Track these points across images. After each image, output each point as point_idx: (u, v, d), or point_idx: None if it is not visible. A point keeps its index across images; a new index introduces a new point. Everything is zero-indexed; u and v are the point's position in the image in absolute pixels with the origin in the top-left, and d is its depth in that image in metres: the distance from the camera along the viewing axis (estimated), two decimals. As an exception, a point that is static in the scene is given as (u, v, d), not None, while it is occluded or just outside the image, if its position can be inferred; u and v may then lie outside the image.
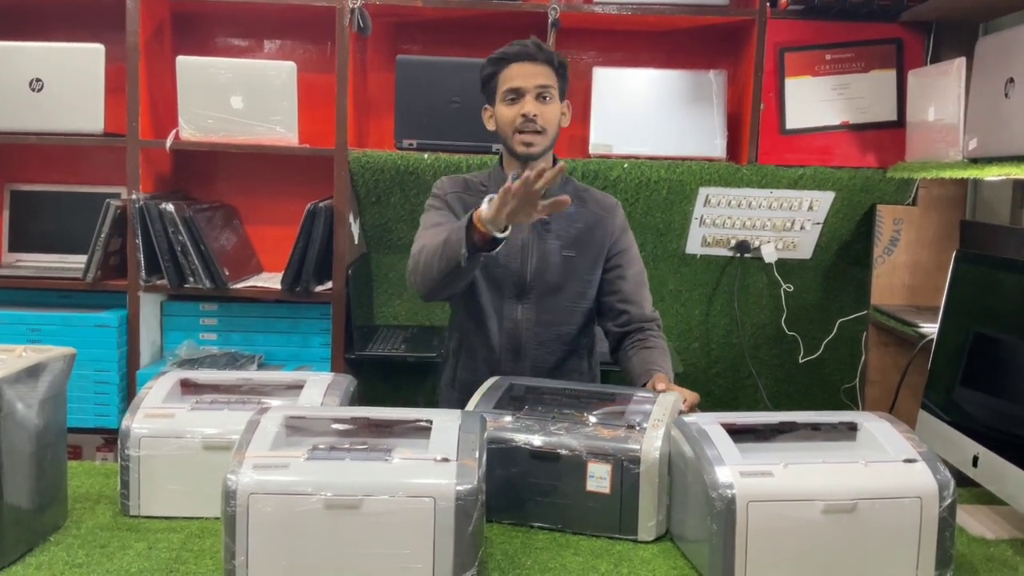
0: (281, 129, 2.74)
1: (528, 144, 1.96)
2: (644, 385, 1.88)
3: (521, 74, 1.96)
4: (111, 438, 2.90)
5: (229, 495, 1.30)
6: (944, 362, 1.87)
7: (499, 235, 1.74)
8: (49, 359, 1.50)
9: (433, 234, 1.95)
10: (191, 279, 2.76)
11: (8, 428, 1.38)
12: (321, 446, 1.40)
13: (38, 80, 2.75)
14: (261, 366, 2.84)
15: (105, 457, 2.97)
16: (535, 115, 1.94)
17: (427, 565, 1.31)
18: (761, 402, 2.96)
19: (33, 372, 1.45)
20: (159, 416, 1.60)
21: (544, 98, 1.97)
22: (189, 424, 1.58)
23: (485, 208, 1.75)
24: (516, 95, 1.96)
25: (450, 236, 1.83)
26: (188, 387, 1.73)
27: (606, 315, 2.08)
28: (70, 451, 2.91)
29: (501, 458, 1.52)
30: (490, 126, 2.06)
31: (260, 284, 2.86)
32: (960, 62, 2.36)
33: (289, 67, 2.72)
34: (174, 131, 2.75)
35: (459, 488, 1.31)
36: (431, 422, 1.46)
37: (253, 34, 3.08)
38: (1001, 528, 1.61)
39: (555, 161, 2.06)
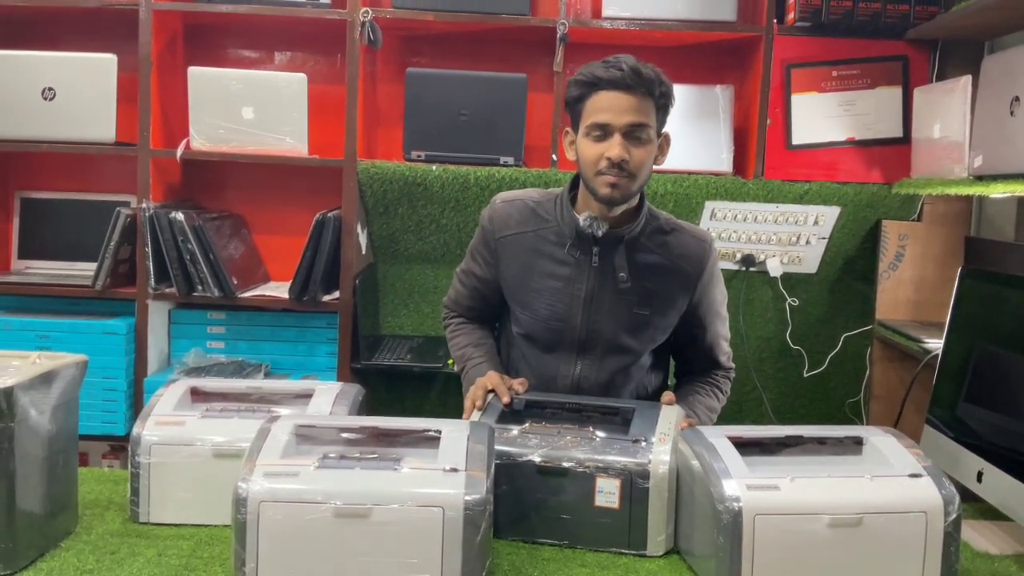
0: (291, 140, 2.76)
1: (613, 186, 1.67)
2: None
3: (612, 107, 1.65)
4: (117, 445, 2.91)
5: (240, 503, 1.32)
6: (949, 378, 1.88)
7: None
8: (62, 366, 1.52)
9: (462, 295, 1.95)
10: (200, 287, 2.77)
11: (21, 434, 1.39)
12: (331, 455, 1.41)
13: (50, 89, 2.77)
14: (268, 375, 2.86)
15: (111, 464, 2.98)
16: (623, 160, 1.65)
17: (435, 574, 1.32)
18: (766, 416, 2.96)
19: (46, 379, 1.47)
20: (170, 424, 1.61)
21: (637, 138, 1.67)
22: (199, 432, 1.59)
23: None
24: (603, 132, 1.66)
25: (464, 376, 1.88)
26: (198, 395, 1.74)
27: (677, 354, 1.94)
28: (77, 458, 2.94)
29: (507, 473, 1.53)
30: (570, 155, 1.75)
31: (268, 293, 2.88)
32: (966, 80, 2.38)
33: (300, 79, 2.74)
34: (185, 141, 2.77)
35: (467, 498, 1.32)
36: (440, 432, 1.47)
37: (264, 46, 3.11)
38: (1006, 544, 1.61)
39: (642, 200, 1.78)
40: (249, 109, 2.75)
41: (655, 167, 1.78)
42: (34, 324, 2.80)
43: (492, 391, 1.73)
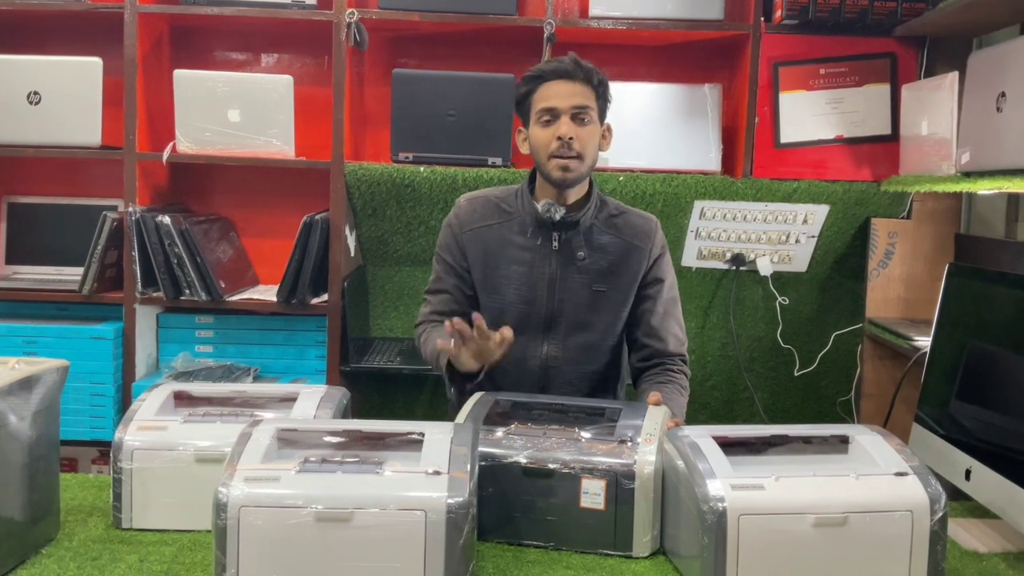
0: (278, 142, 2.75)
1: (565, 169, 1.85)
2: None
3: (557, 93, 1.85)
4: (107, 450, 2.89)
5: (220, 508, 1.30)
6: (937, 375, 1.87)
7: (474, 371, 1.76)
8: (42, 371, 1.50)
9: (437, 308, 1.98)
10: (187, 291, 2.76)
11: (1, 440, 1.38)
12: (312, 459, 1.40)
13: (36, 93, 2.76)
14: (257, 378, 2.85)
15: (101, 469, 2.97)
16: (571, 137, 1.83)
17: (418, 578, 1.31)
18: (757, 415, 2.96)
19: (26, 384, 1.45)
20: (152, 428, 1.59)
21: (581, 120, 1.86)
22: (182, 437, 1.57)
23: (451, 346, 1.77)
24: (551, 116, 1.86)
25: (438, 361, 1.88)
26: (181, 399, 1.73)
27: (630, 347, 2.02)
28: (65, 464, 2.93)
29: (492, 475, 1.52)
30: (523, 149, 1.95)
31: (256, 296, 2.87)
32: (953, 76, 2.38)
33: (286, 81, 2.73)
34: (171, 144, 2.76)
35: (450, 501, 1.31)
36: (423, 435, 1.46)
37: (250, 48, 3.10)
38: (994, 542, 1.61)
39: (591, 186, 1.95)
40: (235, 112, 2.74)
41: (603, 151, 1.97)
42: (21, 329, 2.79)
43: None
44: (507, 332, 1.77)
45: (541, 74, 1.88)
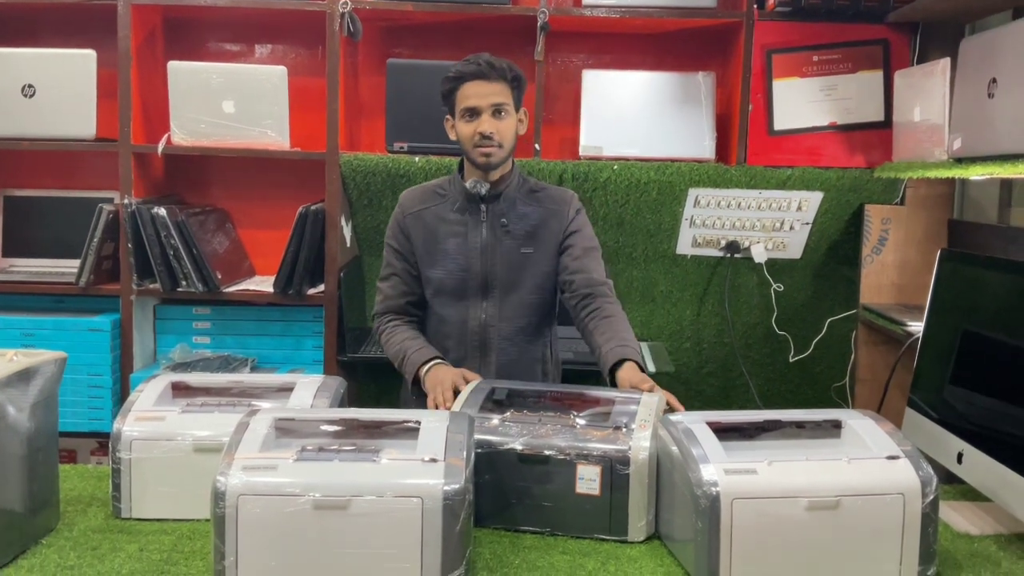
0: (272, 133, 2.75)
1: (487, 155, 2.06)
2: (613, 366, 1.91)
3: (476, 93, 2.05)
4: (105, 442, 2.91)
5: (218, 496, 1.32)
6: (930, 360, 1.89)
7: None
8: (40, 363, 1.51)
9: (389, 294, 2.17)
10: (184, 283, 2.77)
11: (0, 432, 1.39)
12: (310, 447, 1.41)
13: (30, 86, 2.76)
14: (254, 369, 2.86)
15: (100, 460, 2.98)
16: (491, 132, 2.04)
17: (415, 565, 1.32)
18: (752, 401, 2.97)
19: (24, 376, 1.46)
20: (150, 419, 1.61)
21: (500, 113, 2.06)
22: (180, 427, 1.59)
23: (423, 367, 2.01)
24: (472, 114, 2.06)
25: (404, 365, 2.08)
26: (179, 390, 1.74)
27: (562, 289, 2.15)
28: (64, 455, 2.94)
29: (488, 462, 1.53)
30: (452, 136, 2.14)
31: (253, 287, 2.87)
32: (945, 63, 2.38)
33: (280, 71, 2.73)
34: (166, 136, 2.76)
35: (446, 488, 1.32)
36: (419, 423, 1.47)
37: (244, 39, 3.10)
38: (985, 524, 1.62)
39: (513, 166, 2.16)
40: (230, 103, 2.74)
41: (521, 135, 2.15)
42: (19, 322, 2.79)
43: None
44: (472, 377, 1.94)
45: (460, 75, 2.06)
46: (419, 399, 2.03)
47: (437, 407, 1.88)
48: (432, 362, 2.04)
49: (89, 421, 2.80)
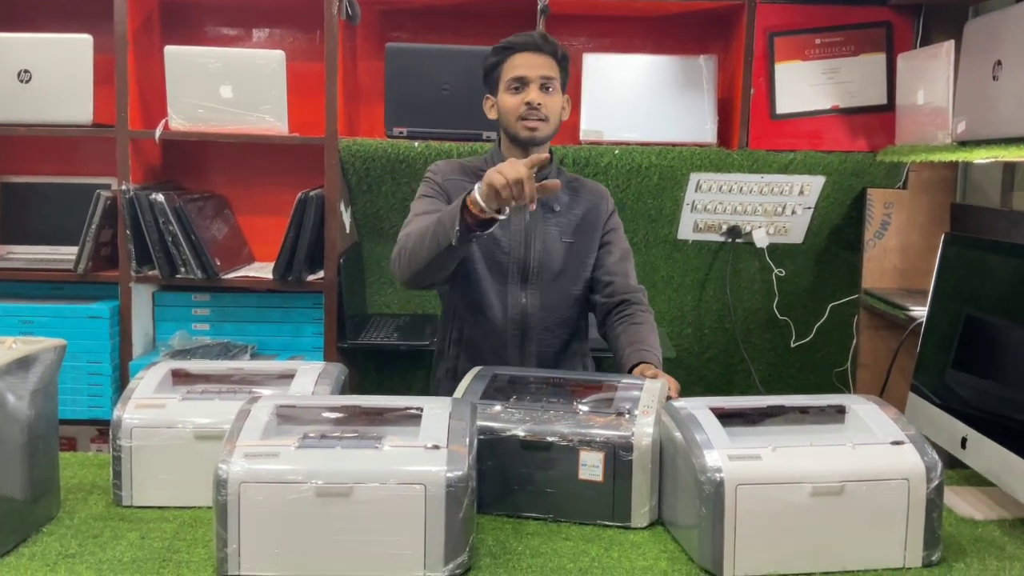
0: (271, 118, 2.73)
1: (532, 128, 1.98)
2: (631, 367, 1.89)
3: (526, 64, 1.98)
4: (105, 429, 2.90)
5: (220, 484, 1.31)
6: (933, 345, 1.88)
7: (499, 216, 1.72)
8: (40, 350, 1.50)
9: (423, 220, 1.93)
10: (182, 269, 2.75)
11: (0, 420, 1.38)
12: (311, 434, 1.41)
13: (26, 71, 2.74)
14: (254, 356, 2.85)
15: (100, 448, 2.97)
16: (539, 103, 1.97)
17: (418, 551, 1.32)
18: (754, 387, 2.97)
19: (23, 364, 1.45)
20: (150, 406, 1.60)
21: (547, 89, 1.99)
22: (180, 414, 1.58)
23: (477, 191, 1.72)
24: (520, 84, 1.98)
25: (442, 217, 1.80)
26: (179, 377, 1.73)
27: (594, 288, 2.11)
28: (64, 443, 2.93)
29: (491, 449, 1.52)
30: (491, 115, 2.07)
31: (252, 274, 2.86)
32: (949, 45, 2.36)
33: (278, 56, 2.71)
34: (163, 121, 2.74)
35: (449, 475, 1.32)
36: (421, 410, 1.46)
37: (241, 23, 3.07)
38: (989, 509, 1.62)
39: (551, 155, 2.07)
40: (227, 88, 2.72)
41: (563, 120, 2.07)
42: (17, 309, 2.78)
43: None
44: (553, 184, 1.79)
45: (511, 46, 2.00)
46: (452, 381, 1.92)
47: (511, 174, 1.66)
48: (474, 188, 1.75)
49: (88, 409, 2.79)
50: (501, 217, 1.73)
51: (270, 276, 2.79)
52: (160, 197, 2.69)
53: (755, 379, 2.97)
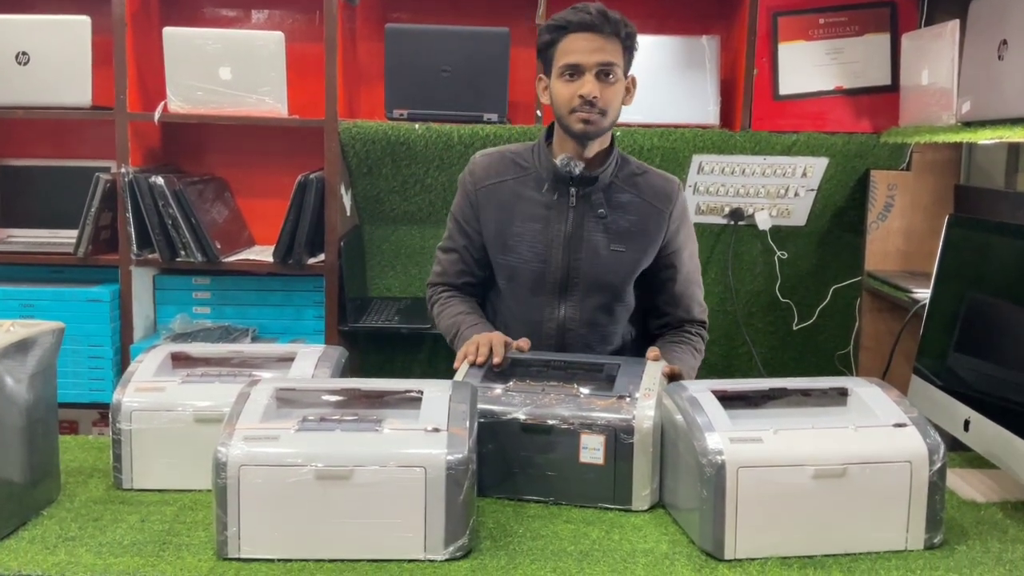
0: (270, 100, 2.71)
1: (586, 122, 1.77)
2: None
3: (581, 48, 1.74)
4: (107, 412, 2.88)
5: (220, 467, 1.31)
6: (936, 327, 1.87)
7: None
8: (38, 333, 1.49)
9: (444, 317, 1.93)
10: (183, 253, 2.74)
11: (-2, 403, 1.37)
12: (311, 417, 1.40)
13: (24, 54, 2.72)
14: (255, 339, 2.84)
15: (101, 432, 2.98)
16: (594, 97, 1.75)
17: (418, 534, 1.32)
18: (755, 370, 2.96)
19: (22, 347, 1.44)
20: (150, 390, 1.59)
21: (607, 76, 1.76)
22: (180, 397, 1.57)
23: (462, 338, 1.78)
24: (575, 72, 1.76)
25: (457, 341, 1.84)
26: (179, 360, 1.72)
27: (650, 313, 1.97)
28: (66, 426, 2.94)
29: (491, 431, 1.52)
30: (544, 99, 1.85)
31: (252, 257, 2.85)
32: (954, 24, 2.34)
33: (277, 37, 2.69)
34: (162, 103, 2.72)
35: (449, 458, 1.31)
36: (421, 393, 1.46)
37: (240, 4, 3.05)
38: (992, 491, 1.61)
39: (612, 143, 1.87)
40: (226, 69, 2.70)
41: (626, 108, 1.87)
42: (17, 293, 2.78)
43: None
44: (524, 344, 1.76)
45: (566, 24, 1.76)
46: None
47: (467, 356, 1.68)
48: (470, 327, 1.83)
49: (90, 392, 2.79)
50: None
51: (270, 259, 2.78)
52: (160, 180, 2.68)
53: (757, 362, 2.96)
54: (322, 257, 2.80)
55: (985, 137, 2.13)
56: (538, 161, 1.88)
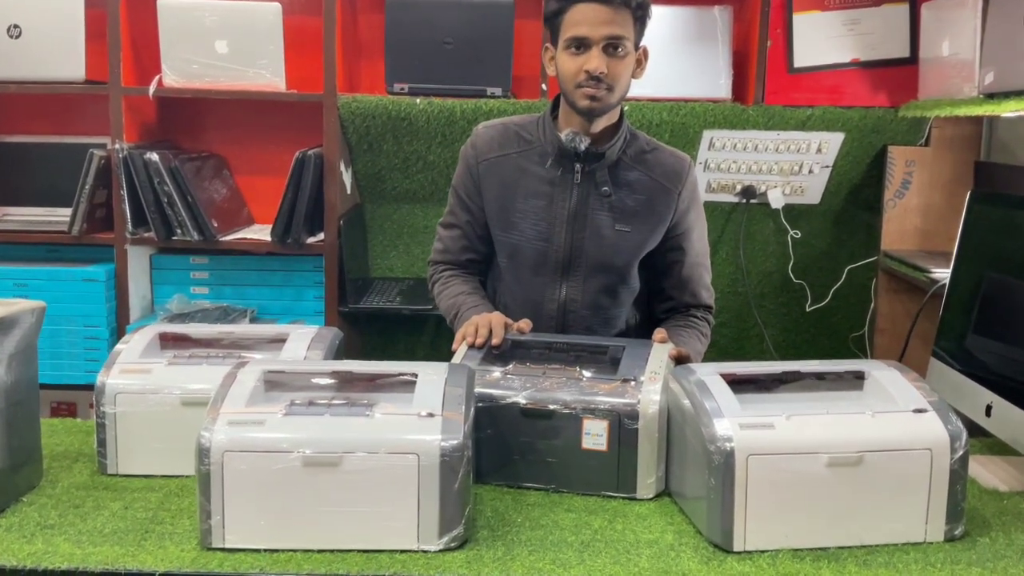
0: (268, 74, 2.65)
1: (592, 98, 1.69)
2: None
3: (589, 20, 1.65)
4: (103, 394, 2.86)
5: (203, 453, 1.25)
6: (957, 308, 1.80)
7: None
8: (18, 312, 1.44)
9: (445, 297, 1.87)
10: (179, 231, 2.68)
11: (-27, 385, 1.32)
12: (299, 401, 1.34)
13: (16, 26, 2.66)
14: (253, 320, 2.79)
15: (98, 414, 2.93)
16: (601, 72, 1.66)
17: (411, 524, 1.26)
18: (767, 352, 2.89)
19: (1, 326, 1.39)
20: (135, 371, 1.53)
21: (615, 50, 1.67)
22: (166, 379, 1.51)
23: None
24: (581, 45, 1.67)
25: (457, 322, 1.79)
26: (167, 341, 1.66)
27: (655, 296, 1.90)
28: (64, 408, 2.89)
29: (490, 416, 1.45)
30: (550, 70, 1.77)
31: (251, 236, 2.79)
32: (977, -8, 2.25)
33: (275, 9, 2.62)
34: (157, 77, 2.66)
35: (444, 444, 1.25)
36: (416, 376, 1.40)
37: (238, -25, 2.96)
38: (1015, 479, 1.55)
39: (621, 117, 1.79)
40: (223, 42, 2.63)
41: (634, 80, 1.78)
42: (11, 272, 2.73)
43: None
44: (525, 326, 1.70)
45: None
46: None
47: (465, 338, 1.63)
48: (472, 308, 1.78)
49: (86, 374, 2.74)
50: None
51: (269, 238, 2.72)
52: (155, 156, 2.61)
53: (768, 344, 2.89)
54: (321, 236, 2.73)
55: (1009, 109, 2.05)
56: (543, 135, 1.81)
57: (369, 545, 1.26)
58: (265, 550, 1.26)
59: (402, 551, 1.26)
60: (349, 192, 2.84)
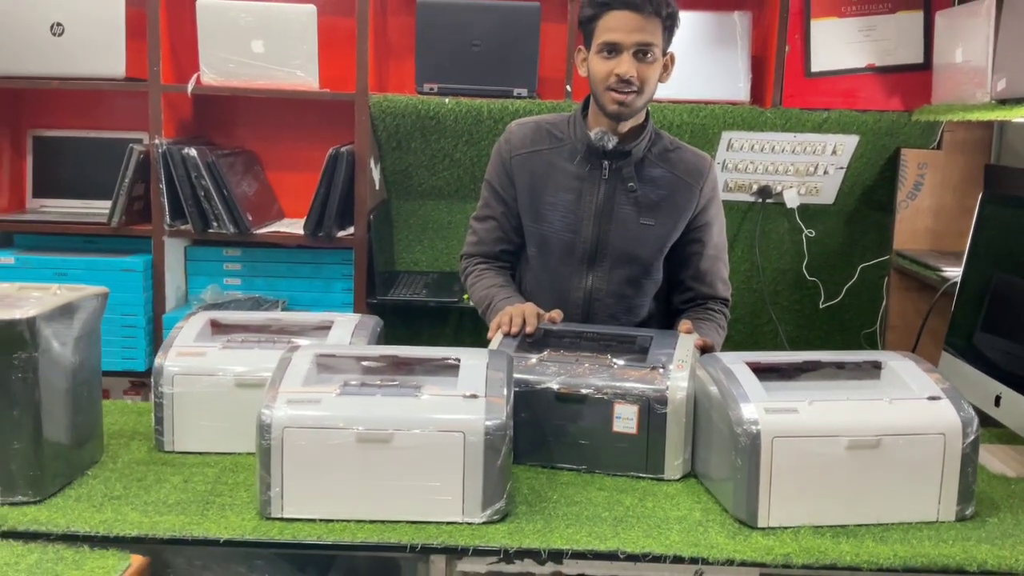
0: (301, 73, 2.73)
1: (621, 103, 1.79)
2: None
3: (620, 26, 1.75)
4: (138, 381, 2.95)
5: (264, 428, 1.34)
6: (967, 305, 1.87)
7: None
8: (83, 297, 1.53)
9: (478, 289, 1.95)
10: (215, 224, 2.77)
11: (45, 365, 1.41)
12: (352, 382, 1.43)
13: (59, 24, 2.74)
14: (285, 310, 2.87)
15: (133, 399, 3.02)
16: (631, 76, 1.76)
17: (456, 497, 1.34)
18: (781, 348, 2.96)
19: (67, 310, 1.48)
20: (191, 354, 1.63)
21: (645, 55, 1.77)
22: (221, 362, 1.61)
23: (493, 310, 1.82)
24: (612, 50, 1.77)
25: (489, 313, 1.88)
26: (218, 327, 1.75)
27: (674, 288, 1.99)
28: (98, 394, 2.97)
29: (526, 400, 1.54)
30: (581, 71, 1.87)
31: (283, 229, 2.87)
32: (990, 1, 2.32)
33: (309, 10, 2.70)
34: (195, 75, 2.74)
35: (488, 423, 1.34)
36: (459, 360, 1.48)
37: (272, -23, 3.05)
38: (1022, 467, 1.62)
39: (647, 118, 1.89)
40: (259, 42, 2.71)
41: (661, 84, 1.88)
42: (51, 262, 2.81)
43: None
44: (556, 316, 1.78)
45: (609, 1, 1.77)
46: None
47: (500, 327, 1.72)
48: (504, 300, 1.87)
49: (123, 360, 2.83)
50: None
51: (301, 232, 2.81)
52: (193, 152, 2.70)
53: (783, 340, 2.97)
54: (351, 230, 2.82)
55: (1020, 114, 2.11)
56: (573, 133, 1.91)
57: (417, 516, 1.35)
58: (320, 520, 1.35)
59: (448, 523, 1.34)
60: (378, 188, 2.92)
